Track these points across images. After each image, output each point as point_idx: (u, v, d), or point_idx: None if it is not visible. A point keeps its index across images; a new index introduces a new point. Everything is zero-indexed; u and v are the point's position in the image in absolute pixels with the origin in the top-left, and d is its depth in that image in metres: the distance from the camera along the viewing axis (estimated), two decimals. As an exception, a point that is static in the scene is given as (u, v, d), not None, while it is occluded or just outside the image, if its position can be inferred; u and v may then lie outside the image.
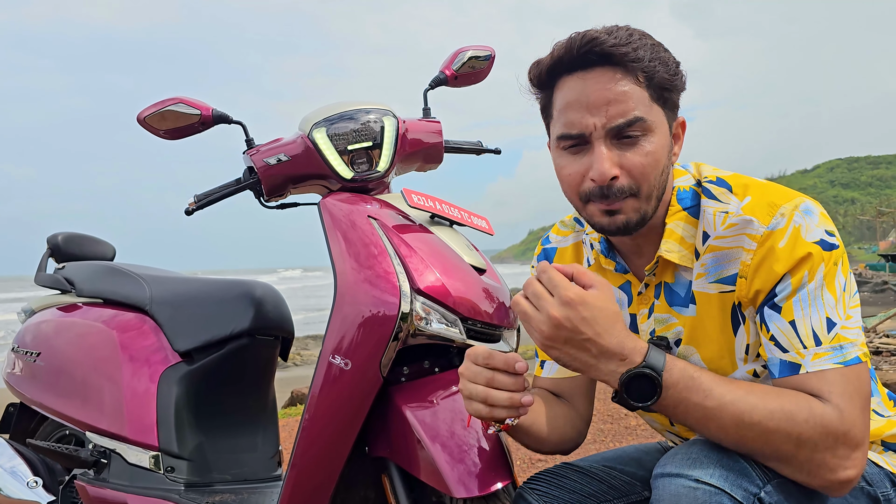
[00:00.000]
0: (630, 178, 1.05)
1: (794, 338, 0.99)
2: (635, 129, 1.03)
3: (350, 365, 1.29)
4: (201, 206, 1.63)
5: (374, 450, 1.37)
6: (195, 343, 1.91)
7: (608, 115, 1.03)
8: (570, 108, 1.06)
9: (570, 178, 1.09)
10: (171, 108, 1.56)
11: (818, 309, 0.99)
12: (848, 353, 0.97)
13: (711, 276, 1.08)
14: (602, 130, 1.03)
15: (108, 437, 1.89)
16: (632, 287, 1.20)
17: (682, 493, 0.93)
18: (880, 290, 25.59)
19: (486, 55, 1.75)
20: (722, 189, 1.09)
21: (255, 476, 1.96)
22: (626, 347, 0.95)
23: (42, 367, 2.13)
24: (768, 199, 1.03)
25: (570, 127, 1.06)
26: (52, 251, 2.37)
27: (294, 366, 11.12)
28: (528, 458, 3.35)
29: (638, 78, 1.03)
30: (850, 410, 0.94)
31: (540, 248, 1.37)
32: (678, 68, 1.07)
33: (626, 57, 1.02)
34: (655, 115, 1.05)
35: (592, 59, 1.03)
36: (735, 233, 1.04)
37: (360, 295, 1.30)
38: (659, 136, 1.05)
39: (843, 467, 0.93)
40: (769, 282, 1.01)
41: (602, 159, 1.03)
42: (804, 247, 0.99)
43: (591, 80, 1.04)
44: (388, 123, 1.54)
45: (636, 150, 1.04)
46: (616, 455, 1.36)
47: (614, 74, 1.03)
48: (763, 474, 0.95)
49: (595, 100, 1.03)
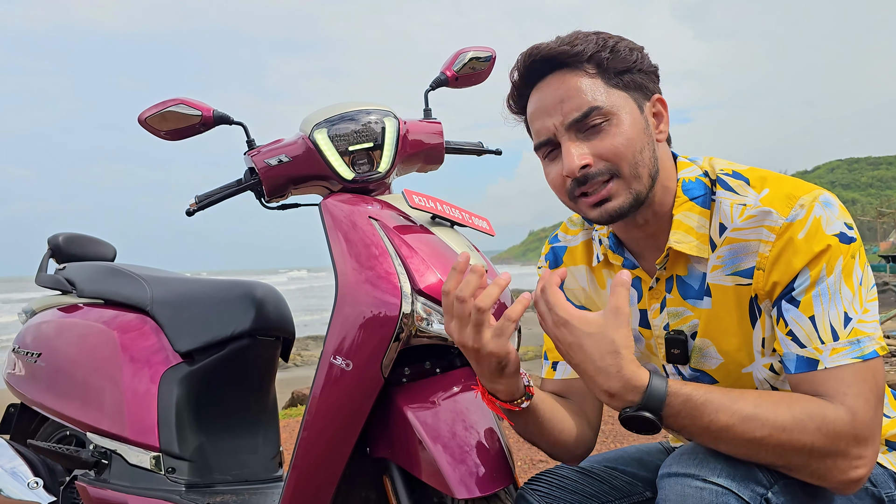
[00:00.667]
0: (604, 162, 1.06)
1: (812, 333, 0.99)
2: (595, 118, 1.06)
3: (351, 366, 1.29)
4: (202, 206, 1.63)
5: (375, 451, 1.37)
6: (196, 344, 1.91)
7: (563, 111, 1.07)
8: (534, 118, 1.12)
9: (554, 182, 1.13)
10: (172, 108, 1.56)
11: (836, 304, 0.98)
12: (865, 348, 0.97)
13: (728, 269, 1.07)
14: (563, 128, 1.07)
15: (108, 438, 1.89)
16: (642, 283, 1.19)
17: (688, 493, 0.93)
18: (881, 291, 25.60)
19: (487, 56, 1.75)
20: (739, 182, 1.08)
21: (256, 477, 1.96)
22: (624, 374, 0.95)
23: (43, 368, 2.13)
24: (787, 191, 1.03)
25: (538, 135, 1.12)
26: (53, 252, 2.37)
27: (294, 366, 11.12)
28: (529, 459, 3.35)
29: (587, 70, 1.07)
30: (864, 411, 0.94)
31: (548, 247, 1.36)
32: (634, 52, 1.09)
33: (566, 55, 1.07)
34: (615, 98, 1.07)
35: (539, 69, 1.10)
36: (753, 224, 1.04)
37: (361, 296, 1.30)
38: (626, 117, 1.07)
39: (853, 467, 0.93)
40: (787, 274, 1.00)
41: (568, 154, 1.07)
42: (823, 239, 0.99)
43: (543, 87, 1.10)
44: (389, 124, 1.54)
45: (603, 135, 1.07)
46: (617, 455, 1.36)
47: (562, 75, 1.08)
48: (770, 475, 0.95)
49: (550, 102, 1.09)
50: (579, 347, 0.96)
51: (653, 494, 1.29)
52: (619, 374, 0.95)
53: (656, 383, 0.95)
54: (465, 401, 1.31)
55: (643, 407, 0.94)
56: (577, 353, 0.97)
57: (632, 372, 0.95)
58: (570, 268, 1.31)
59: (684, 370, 1.17)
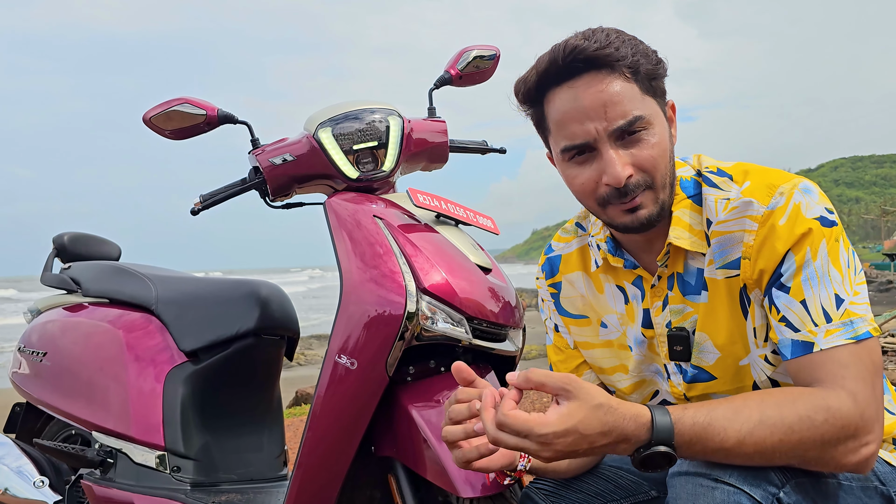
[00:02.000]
0: (643, 173, 1.06)
1: (805, 316, 0.99)
2: (637, 127, 1.04)
3: (356, 364, 1.29)
4: (207, 206, 1.63)
5: (379, 449, 1.37)
6: (201, 343, 1.91)
7: (608, 117, 1.03)
8: (567, 119, 1.06)
9: (583, 186, 1.09)
10: (176, 108, 1.56)
11: (826, 286, 0.99)
12: (859, 328, 0.98)
13: (718, 263, 1.09)
14: (605, 134, 1.04)
15: (114, 437, 1.90)
16: (644, 282, 1.20)
17: (699, 492, 0.93)
18: (885, 289, 25.48)
19: (491, 55, 1.75)
20: (723, 178, 1.10)
21: (261, 476, 1.97)
22: (626, 429, 0.90)
23: (48, 367, 2.13)
24: (767, 182, 1.05)
25: (572, 138, 1.06)
26: (58, 251, 2.37)
27: (298, 365, 11.13)
28: (533, 457, 3.34)
29: (625, 74, 1.04)
30: (864, 392, 0.95)
31: (543, 258, 1.35)
32: (657, 55, 1.08)
33: (610, 57, 1.03)
34: (649, 106, 1.06)
35: (578, 67, 1.04)
36: (736, 216, 1.05)
37: (365, 294, 1.30)
38: (658, 126, 1.06)
39: (864, 445, 0.94)
40: (772, 261, 1.02)
41: (614, 163, 1.04)
42: (804, 223, 1.00)
43: (580, 87, 1.04)
44: (393, 123, 1.54)
45: (642, 146, 1.05)
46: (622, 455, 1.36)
47: (603, 77, 1.03)
48: (782, 474, 0.95)
49: (590, 106, 1.04)
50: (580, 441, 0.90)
51: (658, 493, 1.28)
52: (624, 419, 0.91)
53: (658, 414, 0.92)
54: (470, 399, 1.31)
55: (656, 441, 0.91)
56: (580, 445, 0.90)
57: (629, 414, 0.91)
58: (568, 275, 1.30)
59: (686, 367, 1.17)
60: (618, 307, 1.23)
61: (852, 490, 1.01)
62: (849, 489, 1.01)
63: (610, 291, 1.24)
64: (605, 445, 0.91)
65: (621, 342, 1.24)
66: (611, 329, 1.25)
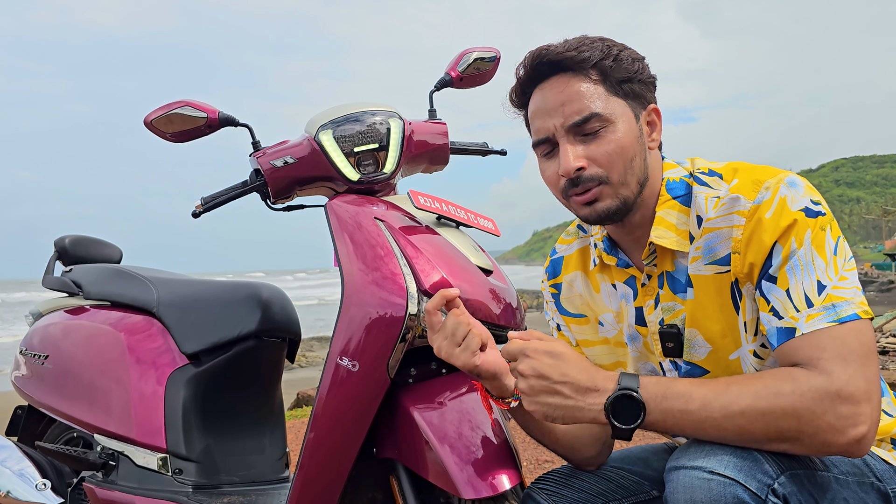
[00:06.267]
0: (598, 167, 1.11)
1: (787, 303, 1.02)
2: (594, 123, 1.10)
3: (357, 366, 1.29)
4: (208, 208, 1.63)
5: (381, 451, 1.38)
6: (202, 345, 1.91)
7: (564, 114, 1.11)
8: (535, 116, 1.16)
9: (550, 179, 1.18)
10: (177, 111, 1.56)
11: (809, 274, 1.01)
12: (842, 311, 0.99)
13: (706, 259, 1.12)
14: (562, 129, 1.12)
15: (116, 440, 1.90)
16: (636, 280, 1.22)
17: (696, 484, 0.94)
18: (886, 289, 25.46)
19: (492, 57, 1.76)
20: (713, 178, 1.14)
21: (263, 478, 1.97)
22: (596, 379, 1.03)
23: (50, 370, 2.14)
24: (754, 178, 1.08)
25: (537, 133, 1.16)
26: (60, 254, 2.37)
27: (299, 367, 11.13)
28: (536, 458, 3.35)
29: (590, 77, 1.12)
30: (841, 369, 0.94)
31: (548, 260, 1.40)
32: (636, 62, 1.14)
33: (573, 60, 1.11)
34: (614, 106, 1.12)
35: (545, 70, 1.14)
36: (725, 212, 1.09)
37: (367, 296, 1.30)
38: (622, 125, 1.12)
39: (851, 425, 0.93)
40: (761, 253, 1.04)
41: (565, 155, 1.11)
42: (790, 215, 1.03)
43: (547, 88, 1.14)
44: (394, 125, 1.54)
45: (599, 142, 1.11)
46: (623, 455, 1.37)
47: (568, 79, 1.12)
48: (777, 465, 0.96)
49: (552, 104, 1.13)
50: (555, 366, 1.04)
51: (659, 493, 1.29)
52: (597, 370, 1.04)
53: (624, 374, 1.02)
54: (472, 401, 1.32)
55: (622, 387, 1.00)
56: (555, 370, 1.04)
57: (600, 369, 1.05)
58: (567, 276, 1.35)
59: (680, 363, 1.19)
60: (613, 305, 1.27)
61: (848, 484, 1.02)
62: (844, 483, 1.01)
63: (605, 290, 1.28)
64: (578, 391, 1.02)
65: (618, 340, 1.27)
66: (608, 327, 1.28)
